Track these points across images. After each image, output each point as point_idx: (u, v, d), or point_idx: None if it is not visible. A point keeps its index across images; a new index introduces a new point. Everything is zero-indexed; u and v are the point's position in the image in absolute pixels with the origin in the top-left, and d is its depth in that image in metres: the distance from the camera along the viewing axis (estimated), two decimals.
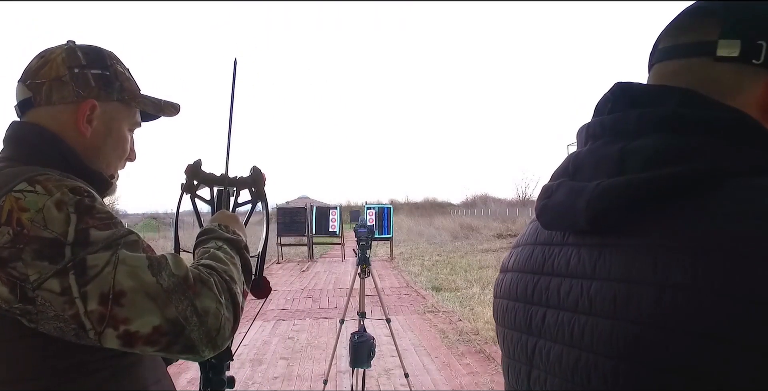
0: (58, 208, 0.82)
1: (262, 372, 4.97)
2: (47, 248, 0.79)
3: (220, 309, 0.86)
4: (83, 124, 0.98)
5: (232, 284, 0.92)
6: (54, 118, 0.96)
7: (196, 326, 0.83)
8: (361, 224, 4.02)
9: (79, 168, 0.96)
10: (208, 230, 1.06)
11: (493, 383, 4.50)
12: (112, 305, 0.79)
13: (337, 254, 16.46)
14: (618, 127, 0.62)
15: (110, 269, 0.80)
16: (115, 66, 1.03)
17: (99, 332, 0.79)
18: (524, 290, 0.71)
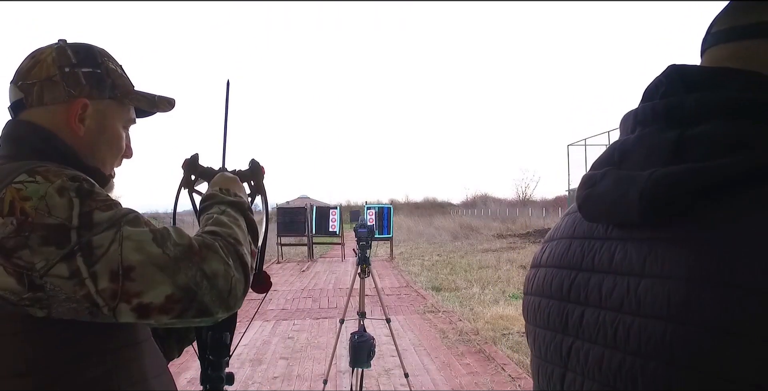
0: (60, 194, 0.83)
1: (262, 372, 4.97)
2: (53, 233, 0.80)
3: (228, 271, 0.88)
4: (75, 123, 0.97)
5: (238, 246, 0.93)
6: (47, 118, 0.96)
7: (207, 290, 0.85)
8: (361, 224, 4.02)
9: (77, 165, 0.96)
10: (210, 195, 1.07)
11: (493, 383, 4.50)
12: (123, 280, 0.80)
13: (337, 253, 16.46)
14: (673, 112, 0.57)
15: (116, 247, 0.81)
16: (106, 63, 1.02)
17: (113, 307, 0.81)
18: (559, 286, 0.66)
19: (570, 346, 0.63)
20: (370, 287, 4.33)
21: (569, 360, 0.63)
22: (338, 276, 11.98)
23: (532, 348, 0.72)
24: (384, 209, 15.80)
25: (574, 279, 0.64)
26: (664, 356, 0.50)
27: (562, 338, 0.65)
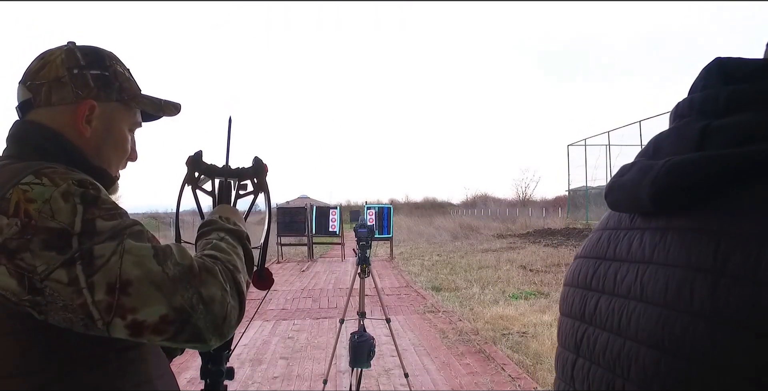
0: (64, 198, 0.83)
1: (262, 372, 4.97)
2: (55, 238, 0.80)
3: (225, 297, 0.87)
4: (82, 125, 0.98)
5: (236, 273, 0.93)
6: (54, 119, 0.97)
7: (203, 314, 0.84)
8: (361, 224, 4.02)
9: (84, 165, 0.97)
10: (210, 221, 1.07)
11: (493, 383, 4.50)
12: (119, 294, 0.80)
13: (337, 253, 16.46)
14: (706, 105, 0.56)
15: (117, 259, 0.81)
16: (114, 66, 1.03)
17: (107, 322, 0.80)
18: (584, 276, 0.67)
19: (583, 333, 0.64)
20: (370, 287, 4.33)
21: (581, 346, 0.64)
22: (338, 276, 11.98)
23: (558, 337, 0.73)
24: (384, 209, 15.80)
25: (597, 268, 0.65)
26: (654, 342, 0.51)
27: (579, 326, 0.65)
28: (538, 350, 5.37)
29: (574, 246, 16.87)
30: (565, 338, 0.68)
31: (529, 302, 7.93)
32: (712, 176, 0.51)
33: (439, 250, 17.65)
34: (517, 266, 12.15)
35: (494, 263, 12.75)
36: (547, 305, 7.53)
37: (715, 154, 0.51)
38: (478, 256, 14.77)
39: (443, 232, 24.88)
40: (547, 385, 4.41)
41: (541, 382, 4.47)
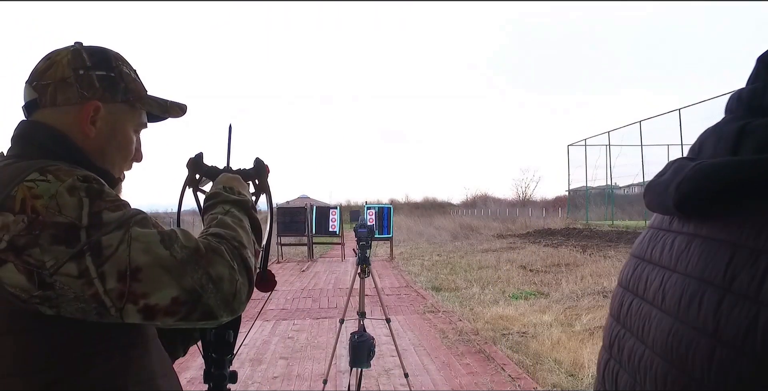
0: (70, 193, 0.84)
1: (262, 372, 4.97)
2: (63, 232, 0.81)
3: (233, 274, 0.89)
4: (87, 126, 0.99)
5: (242, 249, 0.94)
6: (59, 120, 0.98)
7: (213, 293, 0.86)
8: (361, 224, 4.02)
9: (86, 166, 0.97)
10: (214, 193, 1.08)
11: (493, 383, 4.50)
12: (130, 281, 0.82)
13: (337, 253, 16.46)
14: (753, 100, 0.53)
15: (125, 247, 0.83)
16: (120, 67, 1.04)
17: (120, 308, 0.82)
18: (626, 275, 0.66)
19: (617, 334, 0.63)
20: (370, 287, 4.33)
21: (612, 347, 0.63)
22: (338, 276, 11.98)
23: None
24: (384, 209, 15.79)
25: (635, 268, 0.64)
26: (665, 354, 0.50)
27: (614, 326, 0.65)
28: (538, 350, 5.37)
29: (573, 246, 16.86)
30: (604, 337, 0.68)
31: (529, 302, 7.93)
32: (738, 184, 0.47)
33: (439, 250, 17.64)
34: (517, 266, 12.14)
35: (494, 263, 12.75)
36: (547, 305, 7.53)
37: (745, 160, 0.47)
38: (478, 256, 14.77)
39: (443, 232, 24.87)
40: (547, 385, 4.41)
41: (541, 382, 4.47)
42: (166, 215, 33.33)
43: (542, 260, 12.94)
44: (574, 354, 5.12)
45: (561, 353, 5.21)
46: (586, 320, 6.49)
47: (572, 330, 6.09)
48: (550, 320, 6.59)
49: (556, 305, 7.56)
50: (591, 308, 7.15)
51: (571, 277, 10.05)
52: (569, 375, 4.66)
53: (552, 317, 6.79)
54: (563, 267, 11.60)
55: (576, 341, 5.60)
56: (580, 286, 9.03)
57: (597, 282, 9.37)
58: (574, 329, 6.12)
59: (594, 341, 5.57)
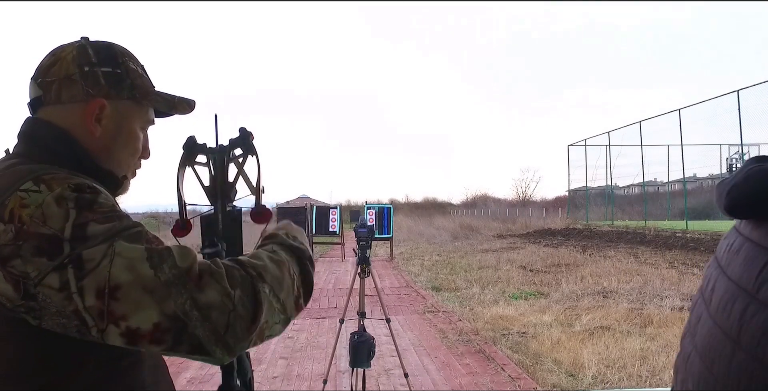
0: (57, 203, 0.81)
1: (262, 372, 4.97)
2: (45, 244, 0.79)
3: (226, 303, 0.80)
4: (92, 124, 0.97)
5: (257, 281, 0.84)
6: (63, 117, 0.96)
7: (199, 322, 0.78)
8: (361, 224, 4.02)
9: (90, 167, 0.96)
10: (271, 235, 1.01)
11: (493, 383, 4.50)
12: (108, 299, 0.77)
13: (337, 253, 16.46)
14: None
15: (106, 263, 0.78)
16: (126, 63, 1.01)
17: (101, 329, 0.78)
18: (705, 272, 0.66)
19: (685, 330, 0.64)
20: (370, 286, 4.33)
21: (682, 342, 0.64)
22: (338, 276, 11.98)
23: None
24: (384, 208, 15.80)
25: (709, 266, 0.64)
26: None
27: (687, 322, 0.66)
28: (538, 350, 5.37)
29: (574, 246, 16.87)
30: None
31: (529, 302, 7.93)
32: None
33: (439, 250, 17.65)
34: (517, 266, 12.15)
35: (494, 263, 12.75)
36: (547, 305, 7.53)
37: None
38: (478, 256, 14.77)
39: (443, 232, 24.87)
40: (546, 385, 4.41)
41: (541, 382, 4.47)
42: (166, 215, 33.34)
43: (542, 260, 12.94)
44: (573, 354, 5.12)
45: (561, 353, 5.21)
46: (586, 320, 6.49)
47: (572, 330, 6.09)
48: (549, 320, 6.59)
49: (556, 305, 7.56)
50: (591, 308, 7.15)
51: (571, 277, 10.05)
52: (569, 375, 4.66)
53: (552, 317, 6.79)
54: (563, 267, 11.60)
55: (576, 341, 5.60)
56: (580, 286, 9.03)
57: (597, 282, 9.37)
58: (574, 330, 6.12)
59: (594, 341, 5.57)
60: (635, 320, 6.50)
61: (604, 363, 4.88)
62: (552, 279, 10.01)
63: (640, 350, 5.28)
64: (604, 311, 6.96)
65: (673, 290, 8.33)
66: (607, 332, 5.97)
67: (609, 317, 6.68)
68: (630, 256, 13.83)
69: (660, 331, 5.99)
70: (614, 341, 5.59)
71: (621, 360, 4.95)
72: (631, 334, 5.91)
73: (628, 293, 8.28)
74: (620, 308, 7.17)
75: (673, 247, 15.71)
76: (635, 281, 9.31)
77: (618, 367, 4.78)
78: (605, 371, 4.69)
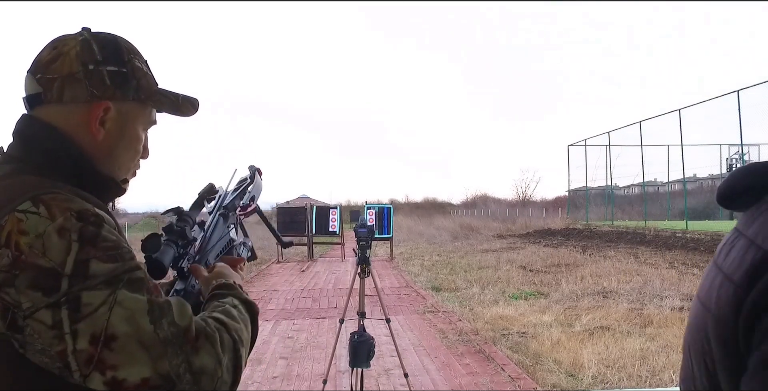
0: (59, 234, 0.77)
1: (262, 372, 4.97)
2: (42, 277, 0.75)
3: (218, 370, 0.81)
4: (96, 127, 0.91)
5: (239, 345, 0.86)
6: (65, 118, 0.90)
7: (189, 385, 0.78)
8: (361, 224, 4.02)
9: (90, 173, 0.92)
10: (228, 285, 1.00)
11: (493, 383, 4.50)
12: (101, 347, 0.75)
13: (337, 253, 16.46)
14: None
15: (105, 310, 0.75)
16: (132, 62, 0.95)
17: (85, 374, 0.75)
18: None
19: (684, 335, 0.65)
20: (369, 286, 4.33)
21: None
22: (338, 276, 11.98)
23: None
24: (384, 209, 15.81)
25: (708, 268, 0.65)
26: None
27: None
28: (538, 350, 5.37)
29: (574, 246, 16.87)
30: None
31: (529, 302, 7.93)
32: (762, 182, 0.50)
33: (439, 250, 17.65)
34: (517, 266, 12.15)
35: (494, 264, 12.75)
36: (547, 306, 7.53)
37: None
38: (478, 256, 14.77)
39: (443, 232, 24.87)
40: (546, 385, 4.41)
41: (541, 382, 4.47)
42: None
43: (542, 261, 12.94)
44: (573, 354, 5.12)
45: (561, 353, 5.21)
46: (586, 320, 6.49)
47: (572, 330, 6.09)
48: (549, 321, 6.59)
49: (555, 305, 7.56)
50: (591, 309, 7.15)
51: (570, 277, 10.05)
52: (569, 375, 4.66)
53: (552, 317, 6.79)
54: (563, 267, 11.60)
55: (576, 341, 5.60)
56: (579, 286, 9.03)
57: (597, 282, 9.37)
58: (574, 330, 6.12)
59: (593, 342, 5.57)
60: (635, 320, 6.50)
61: (603, 363, 4.88)
62: (552, 279, 10.01)
63: (640, 350, 5.28)
64: (604, 311, 6.96)
65: (673, 290, 8.33)
66: (607, 332, 5.97)
67: (609, 317, 6.68)
68: (630, 256, 13.83)
69: (660, 331, 5.99)
70: (614, 341, 5.59)
71: (621, 360, 4.95)
72: (631, 334, 5.91)
73: (628, 293, 8.28)
74: (620, 308, 7.17)
75: (673, 247, 15.71)
76: (635, 281, 9.31)
77: (618, 367, 4.79)
78: (605, 372, 4.69)
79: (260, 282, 11.18)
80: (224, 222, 1.21)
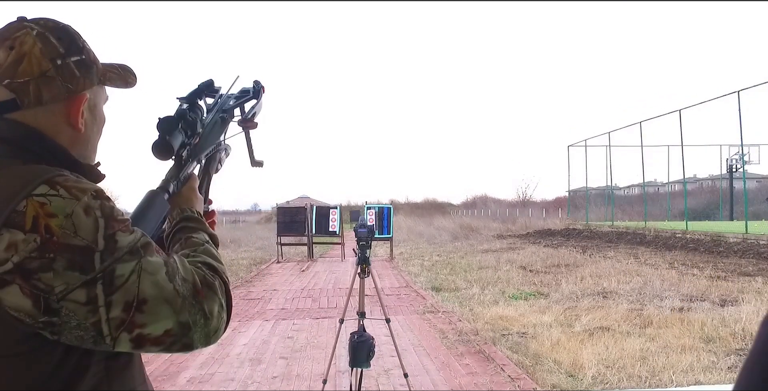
0: (86, 213, 0.80)
1: (262, 371, 4.97)
2: (79, 256, 0.77)
3: (221, 312, 0.89)
4: (79, 121, 0.91)
5: (228, 286, 0.94)
6: (47, 119, 0.89)
7: (201, 328, 0.85)
8: (361, 224, 4.02)
9: (72, 166, 0.90)
10: (195, 218, 1.04)
11: (492, 383, 4.50)
12: (134, 312, 0.80)
13: (337, 253, 16.45)
14: None
15: (135, 278, 0.80)
16: (86, 45, 0.93)
17: (114, 337, 0.80)
18: None
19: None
20: (369, 286, 4.33)
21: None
22: (338, 276, 11.98)
23: None
24: (384, 209, 15.81)
25: None
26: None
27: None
28: (538, 350, 5.37)
29: (574, 247, 16.87)
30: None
31: (529, 302, 7.92)
32: None
33: (439, 250, 17.64)
34: (517, 266, 12.14)
35: (494, 264, 12.75)
36: (547, 306, 7.53)
37: None
38: (478, 256, 14.77)
39: (443, 232, 24.87)
40: (546, 385, 4.41)
41: (541, 383, 4.47)
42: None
43: (542, 261, 12.94)
44: (573, 355, 5.12)
45: (560, 353, 5.21)
46: (586, 320, 6.49)
47: (572, 331, 6.09)
48: (549, 321, 6.59)
49: (555, 305, 7.55)
50: (591, 309, 7.14)
51: (570, 277, 10.05)
52: (569, 376, 4.66)
53: (552, 317, 6.79)
54: (563, 268, 11.60)
55: (576, 341, 5.60)
56: (579, 287, 9.03)
57: (597, 283, 9.36)
58: (574, 330, 6.12)
59: (593, 342, 5.57)
60: (635, 321, 6.49)
61: (603, 364, 4.88)
62: (552, 280, 10.01)
63: (640, 350, 5.27)
64: (603, 312, 6.96)
65: (672, 291, 8.33)
66: (606, 332, 5.97)
67: (609, 317, 6.67)
68: (630, 256, 13.83)
69: (660, 332, 5.99)
70: (614, 341, 5.59)
71: (621, 361, 4.95)
72: (631, 334, 5.91)
73: (627, 293, 8.27)
74: (620, 308, 7.17)
75: (673, 247, 15.71)
76: (635, 282, 9.30)
77: (618, 367, 4.78)
78: (605, 372, 4.69)
79: (260, 282, 11.18)
80: (221, 125, 1.23)
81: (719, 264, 11.72)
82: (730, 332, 5.81)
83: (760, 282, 9.23)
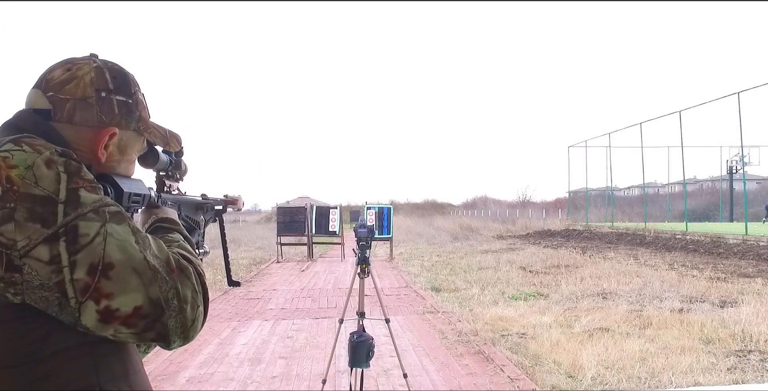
0: (47, 165, 0.80)
1: (261, 371, 4.97)
2: (39, 206, 0.78)
3: (196, 300, 0.87)
4: (101, 151, 0.97)
5: (204, 279, 0.93)
6: (73, 138, 0.94)
7: (175, 312, 0.83)
8: (361, 224, 4.02)
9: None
10: (171, 220, 1.07)
11: (492, 383, 4.50)
12: (99, 276, 0.78)
13: (337, 253, 16.46)
14: None
15: (100, 240, 0.79)
16: (137, 94, 1.02)
17: (80, 301, 0.78)
18: None
19: None
20: (369, 287, 4.33)
21: None
22: (338, 276, 11.97)
23: None
24: (384, 209, 15.80)
25: None
26: None
27: None
28: (538, 351, 5.37)
29: (573, 248, 16.87)
30: None
31: (529, 303, 7.92)
32: None
33: (439, 250, 17.64)
34: (516, 267, 12.14)
35: (494, 264, 12.75)
36: (547, 307, 7.53)
37: None
38: (478, 257, 14.77)
39: (443, 232, 24.87)
40: (546, 386, 4.41)
41: (540, 383, 4.47)
42: None
43: (542, 262, 12.94)
44: (573, 355, 5.12)
45: (560, 354, 5.21)
46: (586, 321, 6.49)
47: (571, 331, 6.09)
48: (549, 322, 6.59)
49: (555, 306, 7.55)
50: (590, 310, 7.14)
51: (570, 278, 10.05)
52: (568, 376, 4.66)
53: (551, 318, 6.79)
54: (563, 268, 11.60)
55: (575, 342, 5.60)
56: (579, 287, 9.03)
57: (597, 284, 9.36)
58: (574, 331, 6.12)
59: (593, 343, 5.57)
60: (635, 322, 6.49)
61: (603, 364, 4.88)
62: (552, 280, 10.01)
63: (640, 351, 5.27)
64: (603, 313, 6.96)
65: (672, 292, 8.33)
66: (606, 333, 5.97)
67: (608, 318, 6.67)
68: (630, 257, 13.83)
69: (659, 333, 5.99)
70: (613, 342, 5.59)
71: (620, 362, 4.95)
72: (631, 335, 5.90)
73: (627, 294, 8.27)
74: (620, 309, 7.16)
75: (673, 248, 15.71)
76: (635, 283, 9.30)
77: (617, 368, 4.78)
78: (604, 373, 4.69)
79: (260, 282, 11.17)
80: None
81: (719, 265, 11.72)
82: (730, 334, 5.81)
83: (760, 283, 9.23)
